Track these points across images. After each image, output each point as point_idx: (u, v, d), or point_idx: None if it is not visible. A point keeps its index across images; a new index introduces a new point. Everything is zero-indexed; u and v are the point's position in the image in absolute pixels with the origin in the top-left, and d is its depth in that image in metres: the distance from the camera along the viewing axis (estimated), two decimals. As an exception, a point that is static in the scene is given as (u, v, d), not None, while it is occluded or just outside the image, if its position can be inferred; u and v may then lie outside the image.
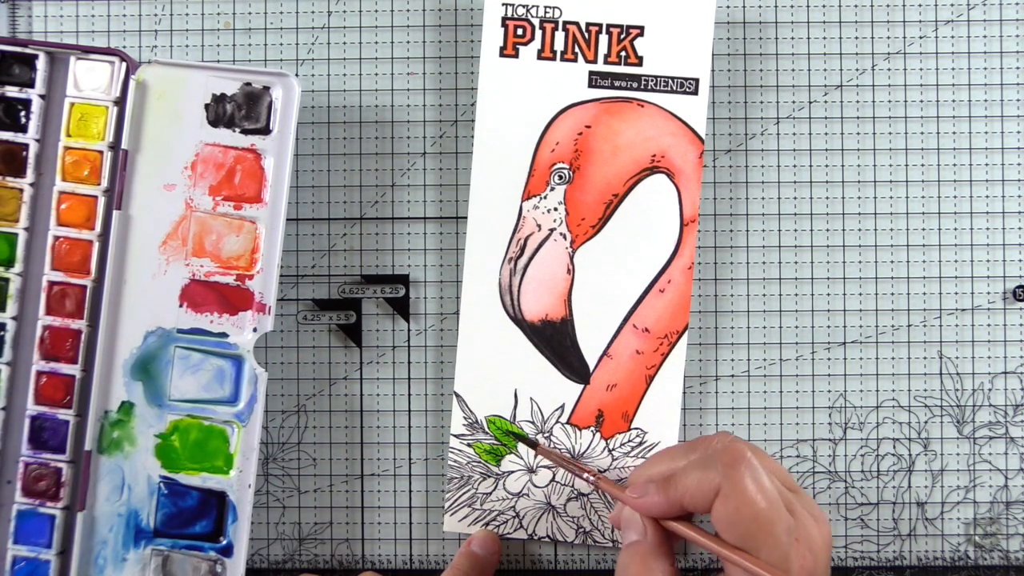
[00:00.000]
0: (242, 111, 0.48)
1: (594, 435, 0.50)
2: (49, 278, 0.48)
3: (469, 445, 0.50)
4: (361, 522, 0.52)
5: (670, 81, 0.50)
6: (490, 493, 0.50)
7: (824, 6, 0.52)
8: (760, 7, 0.52)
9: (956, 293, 0.52)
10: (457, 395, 0.50)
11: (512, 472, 0.50)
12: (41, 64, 0.48)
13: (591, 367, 0.50)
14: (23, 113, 0.48)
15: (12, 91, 0.48)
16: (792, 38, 0.52)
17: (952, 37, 0.52)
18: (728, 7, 0.52)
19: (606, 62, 0.50)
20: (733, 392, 0.52)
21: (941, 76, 0.52)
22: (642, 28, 0.50)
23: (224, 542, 0.48)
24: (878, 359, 0.51)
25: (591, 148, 0.50)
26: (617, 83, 0.50)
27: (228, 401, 0.48)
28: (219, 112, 0.48)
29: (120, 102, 0.48)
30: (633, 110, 0.50)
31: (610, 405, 0.50)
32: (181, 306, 0.48)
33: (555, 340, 0.50)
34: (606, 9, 0.50)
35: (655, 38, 0.50)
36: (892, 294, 0.52)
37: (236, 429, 0.48)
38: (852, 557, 0.51)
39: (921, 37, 0.52)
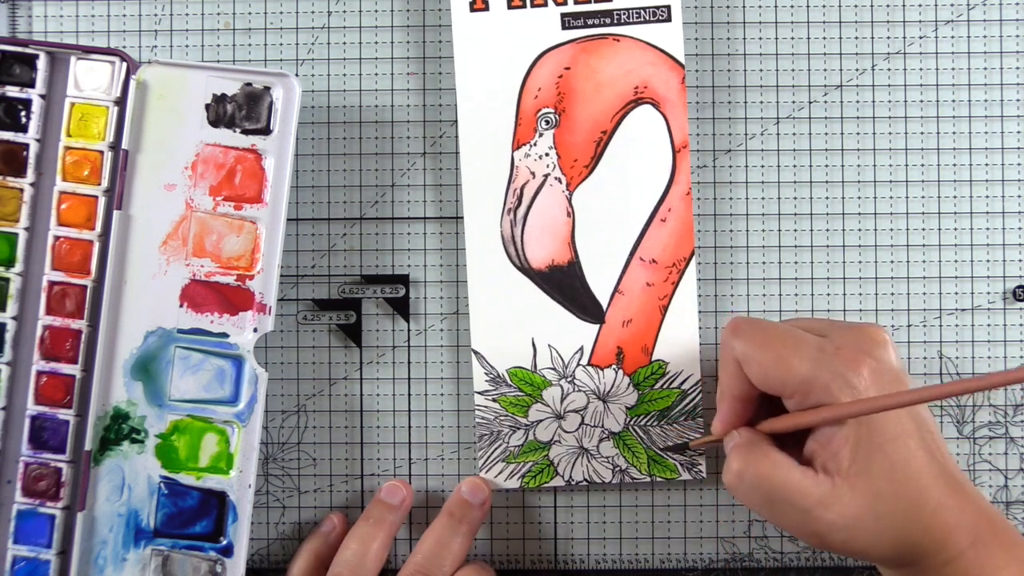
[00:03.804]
0: (242, 111, 0.48)
1: (616, 373, 0.50)
2: (49, 278, 0.48)
3: (494, 400, 0.50)
4: (361, 522, 0.52)
5: (642, 12, 0.50)
6: (521, 444, 0.50)
7: (824, 6, 0.52)
8: (760, 7, 0.52)
9: (956, 293, 0.52)
10: (475, 352, 0.50)
11: (541, 421, 0.50)
12: (41, 64, 0.48)
13: (604, 306, 0.50)
14: (23, 113, 0.48)
15: (12, 91, 0.48)
16: (792, 38, 0.52)
17: (952, 37, 0.52)
18: (728, 7, 0.52)
19: (577, 2, 0.50)
20: (733, 392, 0.52)
21: (941, 76, 0.52)
22: None
23: (224, 542, 0.48)
24: (878, 359, 0.51)
25: (573, 89, 0.50)
26: (590, 21, 0.50)
27: (228, 401, 0.48)
28: (219, 112, 0.48)
29: (120, 102, 0.48)
30: (610, 45, 0.50)
31: (628, 341, 0.50)
32: (181, 306, 0.48)
33: (565, 284, 0.50)
34: None
35: None
36: (892, 294, 0.52)
37: (236, 429, 0.48)
38: (852, 557, 0.51)
39: (921, 37, 0.52)
